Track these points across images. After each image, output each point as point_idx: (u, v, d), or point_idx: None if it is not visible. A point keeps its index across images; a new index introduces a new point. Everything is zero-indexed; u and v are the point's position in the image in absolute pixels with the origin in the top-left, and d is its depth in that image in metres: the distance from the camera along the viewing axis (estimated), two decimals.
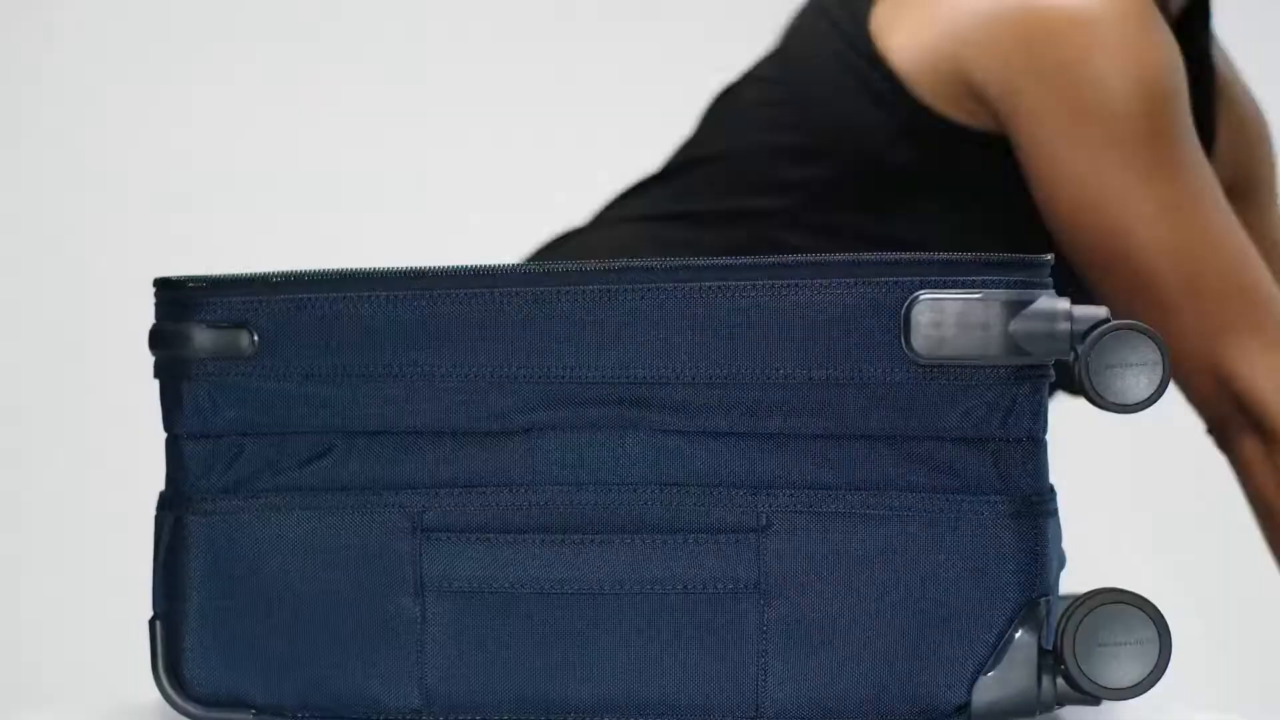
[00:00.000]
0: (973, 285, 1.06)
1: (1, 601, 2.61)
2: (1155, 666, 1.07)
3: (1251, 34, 2.66)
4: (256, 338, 1.10)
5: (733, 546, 1.08)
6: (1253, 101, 1.79)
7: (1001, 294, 1.06)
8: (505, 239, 1.59)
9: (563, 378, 1.08)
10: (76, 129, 2.68)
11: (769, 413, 1.08)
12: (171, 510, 1.12)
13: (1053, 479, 1.09)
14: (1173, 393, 1.09)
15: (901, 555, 1.07)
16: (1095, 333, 1.05)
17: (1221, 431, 1.54)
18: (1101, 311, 1.07)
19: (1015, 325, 1.06)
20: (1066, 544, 1.13)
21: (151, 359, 1.13)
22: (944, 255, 1.08)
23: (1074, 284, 1.49)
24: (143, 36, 2.69)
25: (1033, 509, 1.08)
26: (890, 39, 1.55)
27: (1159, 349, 1.06)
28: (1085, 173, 1.48)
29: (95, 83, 2.69)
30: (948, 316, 1.06)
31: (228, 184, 2.65)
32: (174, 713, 1.13)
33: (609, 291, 1.08)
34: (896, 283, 1.06)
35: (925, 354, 1.06)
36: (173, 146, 2.67)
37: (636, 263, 1.09)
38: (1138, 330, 1.06)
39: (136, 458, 1.55)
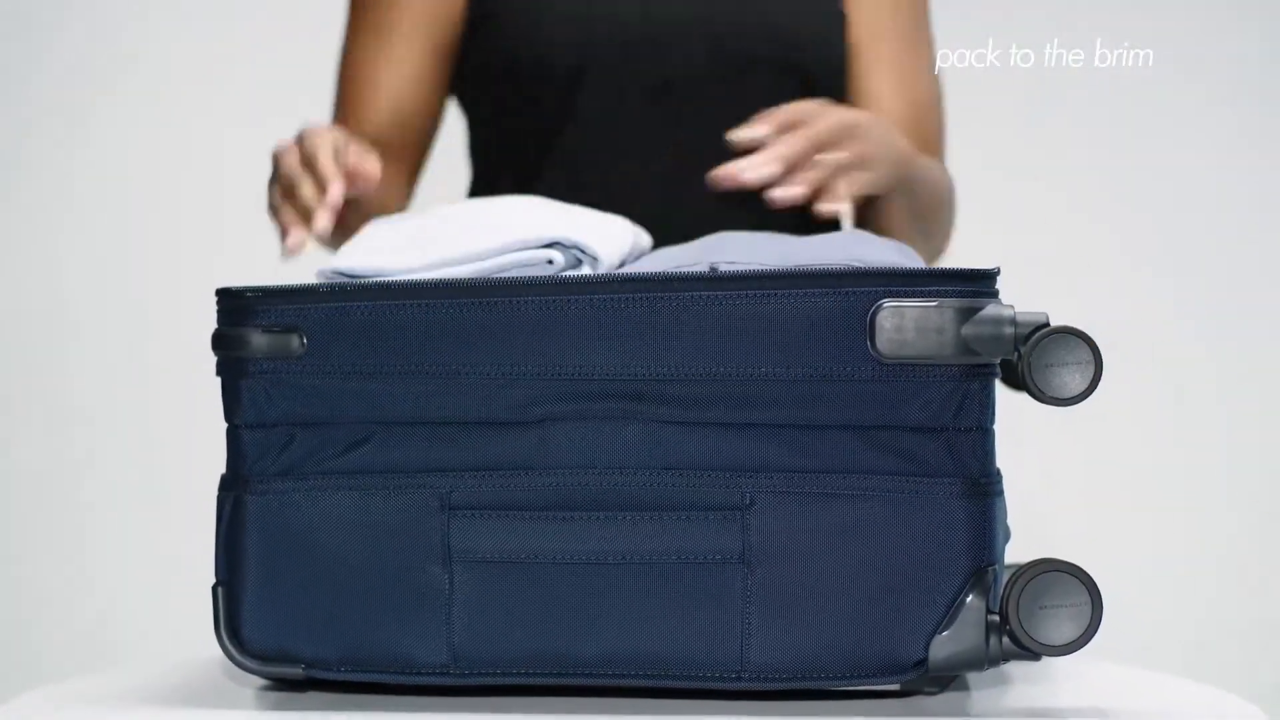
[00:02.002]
0: (929, 294, 1.10)
1: (82, 575, 2.62)
2: (1089, 626, 1.09)
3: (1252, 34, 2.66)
4: (305, 340, 1.13)
5: (720, 522, 1.11)
6: None
7: (954, 302, 1.09)
8: None
9: (572, 375, 1.11)
10: (136, 150, 2.68)
11: (752, 405, 1.11)
12: (231, 491, 1.15)
13: (999, 463, 1.13)
14: (1107, 388, 1.11)
15: (868, 530, 1.10)
16: (1036, 335, 1.09)
17: None
18: (1041, 317, 1.10)
19: (967, 329, 1.09)
20: (1011, 520, 1.17)
21: (214, 359, 1.16)
22: (905, 268, 1.12)
23: None
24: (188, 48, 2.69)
25: (981, 489, 1.11)
26: None
27: (1092, 350, 1.09)
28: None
29: (151, 108, 2.69)
30: (908, 321, 1.09)
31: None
32: (234, 667, 1.17)
33: (613, 299, 1.11)
34: (863, 292, 1.10)
35: (888, 354, 1.09)
36: (218, 164, 2.67)
37: (636, 274, 1.12)
38: (1074, 333, 1.09)
39: (200, 446, 1.57)
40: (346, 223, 1.46)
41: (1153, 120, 2.67)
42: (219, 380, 1.16)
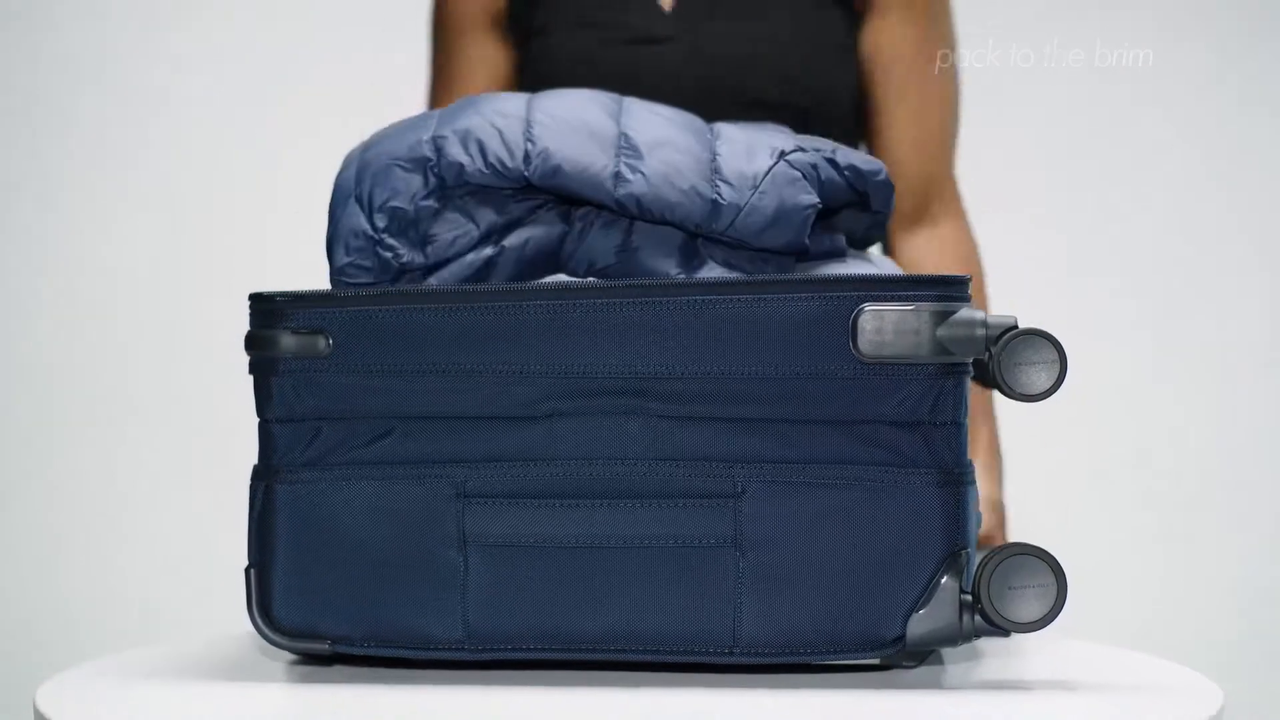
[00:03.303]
0: (907, 299, 1.14)
1: (124, 559, 2.64)
2: (1054, 605, 1.14)
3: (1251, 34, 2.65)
4: (331, 341, 1.17)
5: (714, 510, 1.15)
6: None
7: (930, 306, 1.14)
8: None
9: (577, 373, 1.15)
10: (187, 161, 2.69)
11: (744, 401, 1.15)
12: (263, 480, 1.19)
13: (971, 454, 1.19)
14: (1070, 386, 1.15)
15: (850, 516, 1.15)
16: (1005, 337, 1.14)
17: (914, 219, 1.70)
18: (1010, 320, 1.15)
19: (942, 331, 1.14)
20: (982, 506, 1.25)
21: (247, 359, 1.19)
22: (885, 275, 1.16)
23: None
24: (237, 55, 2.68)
25: (955, 479, 1.15)
26: None
27: (1057, 350, 1.14)
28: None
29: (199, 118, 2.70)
30: (887, 324, 1.14)
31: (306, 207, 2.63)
32: (265, 643, 1.21)
33: (614, 304, 1.15)
34: (846, 297, 1.14)
35: (869, 354, 1.14)
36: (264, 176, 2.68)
37: (636, 281, 1.16)
38: (1040, 335, 1.14)
39: (233, 439, 1.59)
40: None
41: (1152, 120, 2.64)
42: (251, 378, 1.19)
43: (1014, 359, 1.13)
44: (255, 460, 1.20)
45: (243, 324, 1.19)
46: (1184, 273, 2.62)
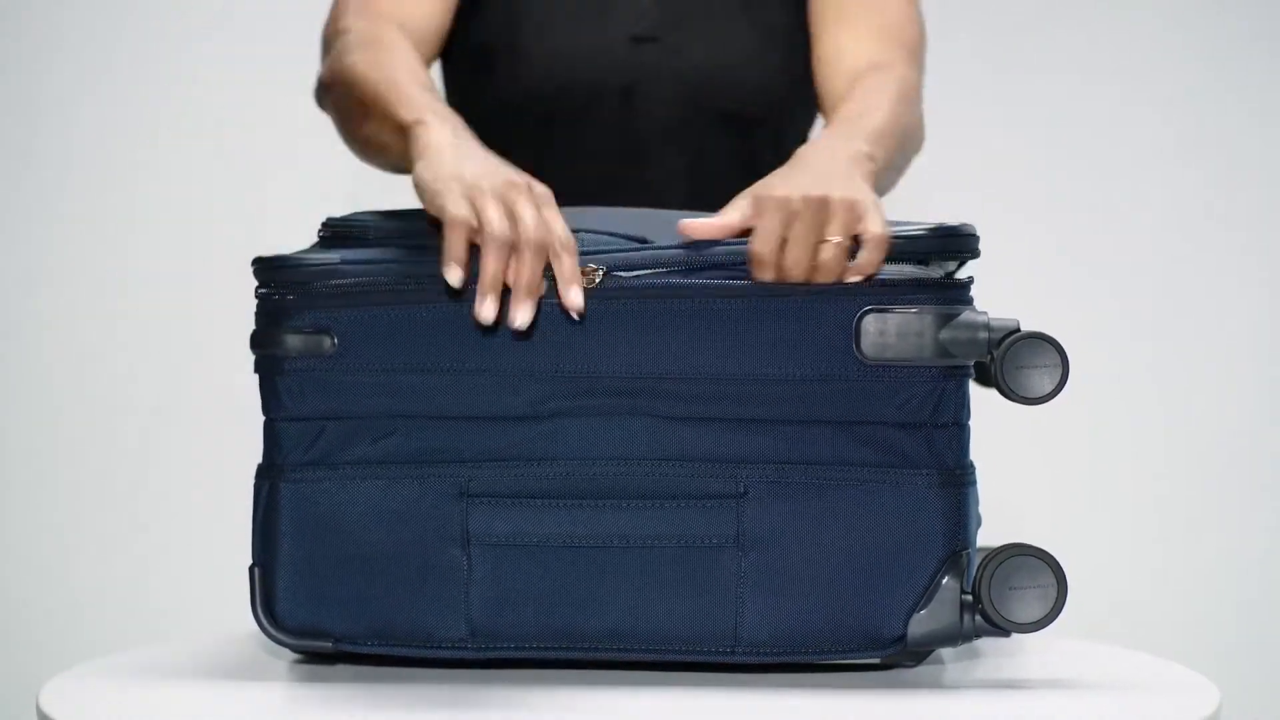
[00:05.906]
0: (910, 302, 1.14)
1: (130, 557, 2.64)
2: (1054, 606, 1.14)
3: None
4: (336, 341, 1.17)
5: (716, 510, 1.15)
6: None
7: (933, 309, 1.14)
8: None
9: (581, 373, 1.15)
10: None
11: (747, 402, 1.15)
12: (267, 479, 1.19)
13: (973, 456, 1.17)
14: (1070, 386, 1.15)
15: (852, 517, 1.15)
16: (1008, 340, 1.14)
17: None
18: (1012, 323, 1.15)
19: (944, 334, 1.14)
20: (983, 508, 1.21)
21: (252, 358, 1.19)
22: (886, 278, 1.16)
23: None
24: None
25: (956, 480, 1.15)
26: None
27: (1059, 354, 1.14)
28: None
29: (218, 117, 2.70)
30: (890, 326, 1.14)
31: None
32: (269, 641, 1.20)
33: (619, 305, 1.15)
34: (849, 300, 1.14)
35: (872, 356, 1.14)
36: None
37: (639, 282, 1.16)
38: (1043, 338, 1.14)
39: (238, 438, 1.59)
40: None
41: (1150, 120, 2.64)
42: (256, 377, 1.19)
43: (1016, 362, 1.13)
44: (260, 459, 1.20)
45: (248, 323, 1.19)
46: (1183, 273, 2.62)
